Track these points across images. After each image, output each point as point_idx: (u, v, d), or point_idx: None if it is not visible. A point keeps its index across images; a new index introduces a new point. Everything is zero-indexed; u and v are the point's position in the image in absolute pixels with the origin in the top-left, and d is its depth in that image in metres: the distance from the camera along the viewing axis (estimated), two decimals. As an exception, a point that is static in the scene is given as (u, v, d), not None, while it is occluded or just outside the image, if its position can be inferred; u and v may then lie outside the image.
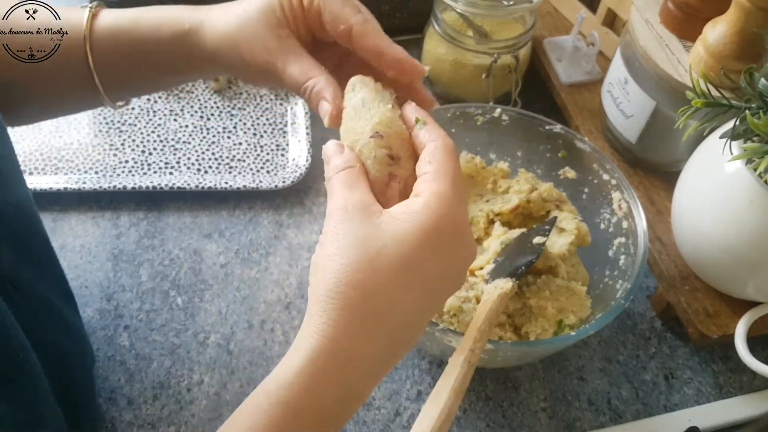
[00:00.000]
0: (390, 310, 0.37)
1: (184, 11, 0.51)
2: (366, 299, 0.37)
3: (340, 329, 0.37)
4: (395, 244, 0.37)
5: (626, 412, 0.65)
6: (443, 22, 0.80)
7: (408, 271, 0.37)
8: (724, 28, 0.62)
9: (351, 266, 0.37)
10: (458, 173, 0.41)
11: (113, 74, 0.52)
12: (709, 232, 0.61)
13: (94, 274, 0.70)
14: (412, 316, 0.39)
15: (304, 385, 0.36)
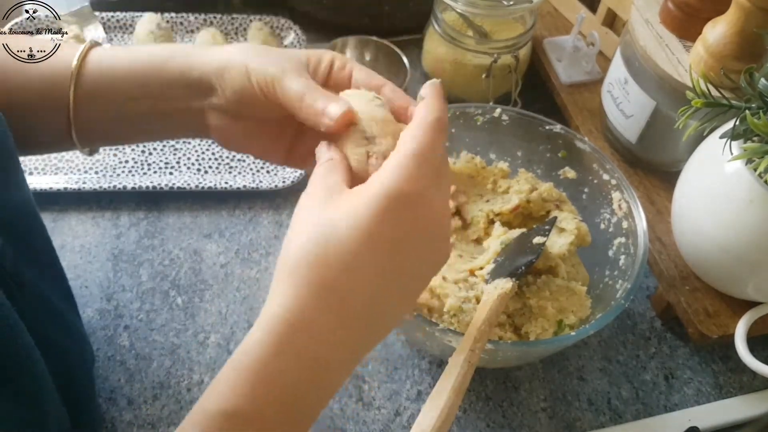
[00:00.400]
0: (348, 283, 0.37)
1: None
2: (321, 273, 0.37)
3: (298, 302, 0.37)
4: (348, 218, 0.37)
5: (626, 412, 0.65)
6: (443, 22, 0.80)
7: (362, 243, 0.37)
8: (724, 28, 0.62)
9: (308, 243, 0.38)
10: (430, 147, 0.40)
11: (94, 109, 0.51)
12: (709, 232, 0.61)
13: (94, 274, 0.70)
14: (376, 293, 0.38)
15: (263, 354, 0.37)
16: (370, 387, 0.64)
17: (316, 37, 0.91)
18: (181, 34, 0.91)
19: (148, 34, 0.85)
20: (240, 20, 0.91)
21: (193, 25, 0.90)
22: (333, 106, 0.44)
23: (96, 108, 0.50)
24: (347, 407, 0.63)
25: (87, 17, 0.88)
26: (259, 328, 0.38)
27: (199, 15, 0.91)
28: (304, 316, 0.37)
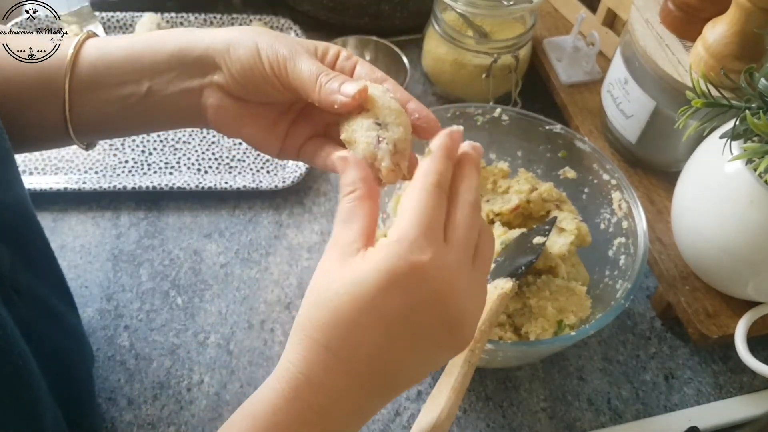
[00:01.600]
0: (352, 348, 0.38)
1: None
2: (326, 335, 0.38)
3: (306, 360, 0.38)
4: (352, 284, 0.37)
5: (626, 412, 0.65)
6: (443, 22, 0.80)
7: (364, 312, 0.37)
8: (724, 28, 0.62)
9: (315, 306, 0.38)
10: (433, 214, 0.39)
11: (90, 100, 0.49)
12: (709, 232, 0.61)
13: (94, 274, 0.70)
14: (382, 358, 0.38)
15: (278, 404, 0.38)
16: (370, 387, 0.64)
17: (316, 37, 0.89)
18: (181, 34, 0.91)
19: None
20: (240, 20, 0.91)
21: (193, 25, 0.90)
22: (349, 85, 0.44)
23: (91, 97, 0.49)
24: (347, 407, 0.63)
25: (87, 17, 0.87)
26: (276, 378, 0.39)
27: (199, 15, 0.91)
28: (311, 373, 0.38)
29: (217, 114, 0.50)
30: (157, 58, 0.49)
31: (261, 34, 0.48)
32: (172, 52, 0.48)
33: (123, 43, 0.49)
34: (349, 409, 0.39)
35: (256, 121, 0.50)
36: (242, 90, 0.48)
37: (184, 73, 0.49)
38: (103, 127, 0.52)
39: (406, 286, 0.37)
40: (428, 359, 0.40)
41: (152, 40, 0.49)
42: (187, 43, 0.48)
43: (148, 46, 0.49)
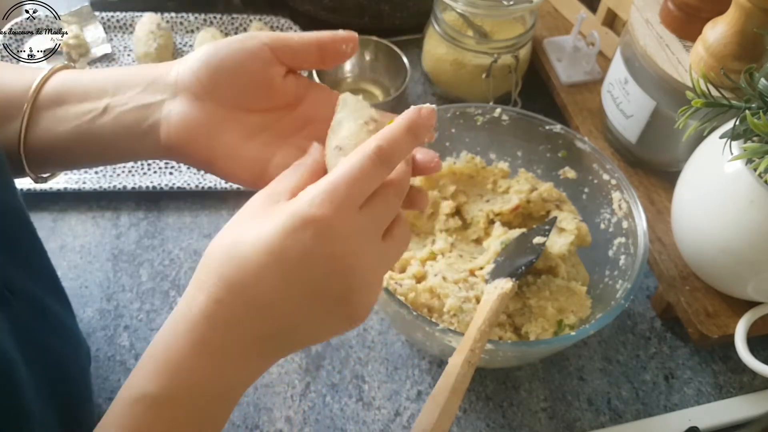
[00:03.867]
0: (256, 288, 0.38)
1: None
2: (232, 274, 0.38)
3: (211, 296, 0.38)
4: (261, 227, 0.38)
5: (626, 412, 0.65)
6: (443, 22, 0.80)
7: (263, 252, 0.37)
8: (724, 28, 0.62)
9: (224, 246, 0.39)
10: (358, 178, 0.38)
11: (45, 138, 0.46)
12: (710, 232, 0.61)
13: (94, 274, 0.70)
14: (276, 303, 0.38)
15: (179, 345, 0.38)
16: (370, 387, 0.64)
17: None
18: (181, 34, 0.91)
19: (148, 34, 0.85)
20: (240, 20, 0.91)
21: (192, 25, 0.90)
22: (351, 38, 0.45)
23: (47, 115, 0.46)
24: (347, 407, 0.63)
25: (87, 17, 0.88)
26: (177, 318, 0.39)
27: (198, 15, 0.91)
28: (210, 311, 0.38)
29: (181, 124, 0.45)
30: (124, 77, 0.46)
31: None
32: (143, 71, 0.47)
33: (90, 73, 0.48)
34: (246, 353, 0.39)
35: (227, 132, 0.45)
36: (218, 84, 0.45)
37: (149, 88, 0.46)
38: (55, 152, 0.47)
39: (302, 237, 0.37)
40: (321, 321, 0.40)
41: (130, 67, 0.48)
42: (161, 69, 0.46)
43: (121, 71, 0.47)
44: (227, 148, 0.45)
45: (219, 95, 0.45)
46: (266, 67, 0.45)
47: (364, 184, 0.38)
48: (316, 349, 0.66)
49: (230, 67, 0.44)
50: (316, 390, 0.64)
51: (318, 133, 0.46)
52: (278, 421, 0.62)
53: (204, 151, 0.45)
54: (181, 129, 0.44)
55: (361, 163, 0.38)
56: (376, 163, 0.38)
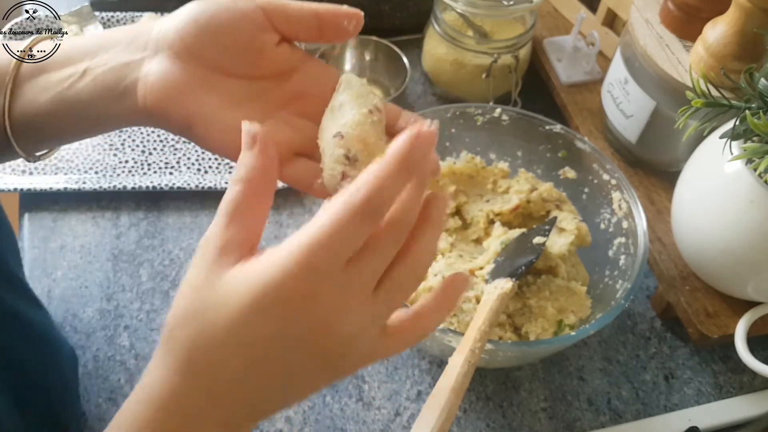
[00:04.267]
0: (217, 366, 0.34)
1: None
2: (191, 350, 0.34)
3: (169, 377, 0.34)
4: (224, 300, 0.33)
5: (626, 412, 0.65)
6: (443, 22, 0.80)
7: (231, 333, 0.33)
8: (724, 28, 0.62)
9: (181, 316, 0.34)
10: (338, 238, 0.32)
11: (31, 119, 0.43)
12: (710, 232, 0.61)
13: (94, 274, 0.70)
14: (241, 386, 0.34)
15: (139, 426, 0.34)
16: (370, 387, 0.64)
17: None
18: (181, 34, 0.91)
19: (148, 34, 0.85)
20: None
21: (193, 25, 0.90)
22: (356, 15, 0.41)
23: (29, 86, 0.43)
24: (347, 407, 0.63)
25: (87, 17, 0.87)
26: (139, 397, 0.35)
27: (199, 15, 0.91)
28: (174, 391, 0.34)
29: (158, 84, 0.41)
30: (105, 38, 0.43)
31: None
32: (125, 30, 0.43)
33: (79, 37, 0.46)
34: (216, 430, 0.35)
35: (213, 92, 0.41)
36: (204, 37, 0.41)
37: (129, 46, 0.42)
38: (39, 124, 0.44)
39: (280, 314, 0.32)
40: (301, 388, 0.36)
41: (115, 29, 0.45)
42: (144, 26, 0.43)
43: (104, 32, 0.44)
44: (207, 112, 0.41)
45: (202, 56, 0.41)
46: (258, 32, 0.41)
47: (350, 243, 0.33)
48: (316, 349, 0.66)
49: (218, 26, 0.41)
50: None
51: (308, 109, 0.43)
52: (278, 421, 0.62)
53: (182, 113, 0.41)
54: (159, 89, 0.41)
55: (346, 219, 0.32)
56: (364, 218, 0.32)
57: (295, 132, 0.43)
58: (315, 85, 0.44)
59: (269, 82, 0.43)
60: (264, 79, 0.43)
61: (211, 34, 0.41)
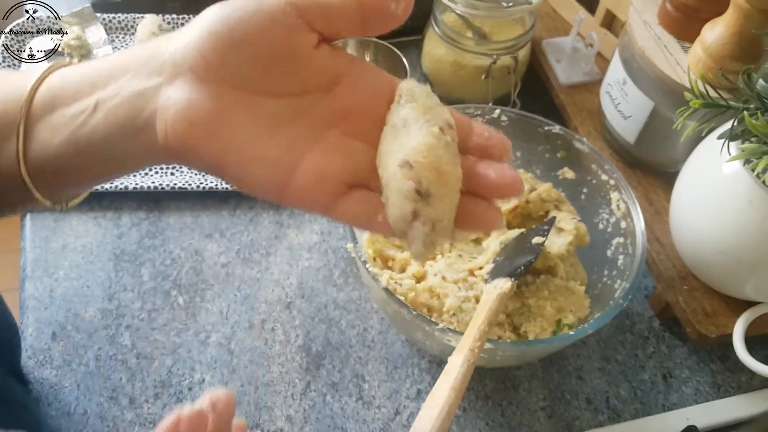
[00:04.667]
0: None
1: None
2: None
3: None
4: None
5: (624, 411, 0.65)
6: (442, 24, 0.81)
7: None
8: (723, 29, 0.62)
9: None
10: None
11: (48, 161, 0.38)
12: (708, 233, 0.61)
13: (96, 274, 0.70)
14: None
15: None
16: (370, 386, 0.65)
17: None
18: (181, 35, 0.91)
19: (149, 35, 0.85)
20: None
21: (193, 25, 0.91)
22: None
23: (42, 126, 0.37)
24: (347, 406, 0.63)
25: (88, 18, 0.88)
26: None
27: (199, 16, 0.91)
28: None
29: (180, 116, 0.34)
30: (116, 62, 0.37)
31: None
32: (136, 51, 0.37)
33: (89, 62, 0.38)
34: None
35: (247, 119, 0.35)
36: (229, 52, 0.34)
37: (141, 70, 0.36)
38: (57, 168, 0.38)
39: None
40: None
41: (126, 50, 0.38)
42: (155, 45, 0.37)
43: (115, 55, 0.38)
44: (241, 146, 0.35)
45: (229, 75, 0.35)
46: (291, 35, 0.34)
47: None
48: (317, 349, 0.67)
49: (243, 36, 0.34)
50: (317, 389, 0.64)
51: (361, 127, 0.37)
52: (279, 420, 0.62)
53: (211, 150, 0.35)
54: (181, 122, 0.34)
55: None
56: None
57: (347, 159, 0.37)
58: (367, 97, 0.37)
59: (311, 97, 0.36)
60: (304, 94, 0.36)
61: (235, 46, 0.34)
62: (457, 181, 0.34)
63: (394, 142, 0.35)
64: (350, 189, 0.36)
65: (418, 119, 0.35)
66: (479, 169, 0.36)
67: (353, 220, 0.37)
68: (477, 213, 0.36)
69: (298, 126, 0.36)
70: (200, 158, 0.35)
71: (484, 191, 0.36)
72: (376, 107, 0.37)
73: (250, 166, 0.35)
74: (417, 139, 0.34)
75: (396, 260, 0.65)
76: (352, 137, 0.37)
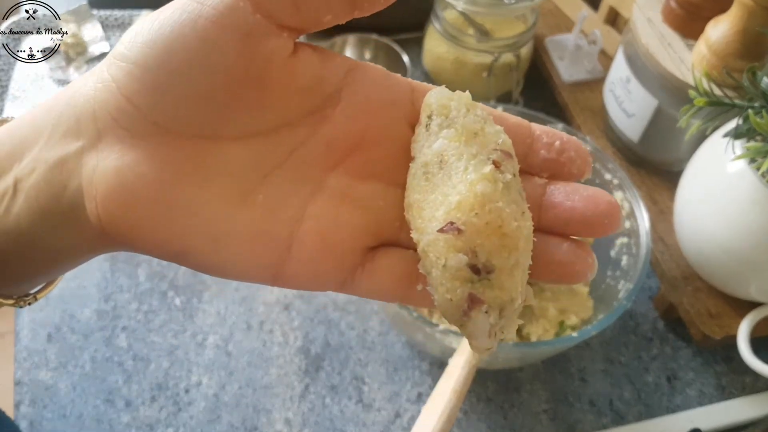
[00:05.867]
0: None
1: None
2: None
3: None
4: None
5: (628, 414, 0.64)
6: (444, 21, 0.80)
7: None
8: (727, 27, 0.62)
9: None
10: None
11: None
12: (712, 232, 0.61)
13: (92, 275, 0.70)
14: None
15: None
16: (370, 388, 0.64)
17: (316, 35, 0.90)
18: (180, 33, 0.90)
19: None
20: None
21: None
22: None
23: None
24: (347, 409, 0.63)
25: (85, 15, 0.87)
26: None
27: (198, 13, 0.90)
28: None
29: (115, 191, 0.24)
30: (29, 126, 0.26)
31: None
32: (49, 103, 0.26)
33: (8, 124, 0.27)
34: None
35: (209, 180, 0.25)
36: (167, 85, 0.24)
37: (56, 132, 0.25)
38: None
39: None
40: None
41: (39, 104, 0.27)
42: (70, 92, 0.26)
43: (30, 113, 0.27)
44: (206, 221, 0.25)
45: (171, 120, 0.25)
46: (253, 43, 0.24)
47: None
48: (316, 351, 0.66)
49: (182, 59, 0.24)
50: (316, 391, 0.63)
51: (377, 160, 0.27)
52: (277, 423, 0.61)
53: (163, 234, 0.25)
54: (114, 202, 0.24)
55: None
56: None
57: (362, 212, 0.27)
58: (378, 117, 0.27)
59: (297, 130, 0.26)
60: (287, 127, 0.26)
61: (175, 77, 0.24)
62: (527, 240, 0.25)
63: (429, 191, 0.25)
64: (373, 252, 0.27)
65: (461, 154, 0.25)
66: (554, 197, 0.26)
67: (384, 295, 0.27)
68: (558, 260, 0.26)
69: (285, 176, 0.26)
70: (151, 245, 0.25)
71: (566, 227, 0.26)
72: (394, 130, 0.27)
73: (221, 247, 0.25)
74: (463, 186, 0.24)
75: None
76: (363, 179, 0.27)
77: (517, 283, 0.24)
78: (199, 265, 0.26)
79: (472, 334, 0.24)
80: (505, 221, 0.24)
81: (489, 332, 0.24)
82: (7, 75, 0.79)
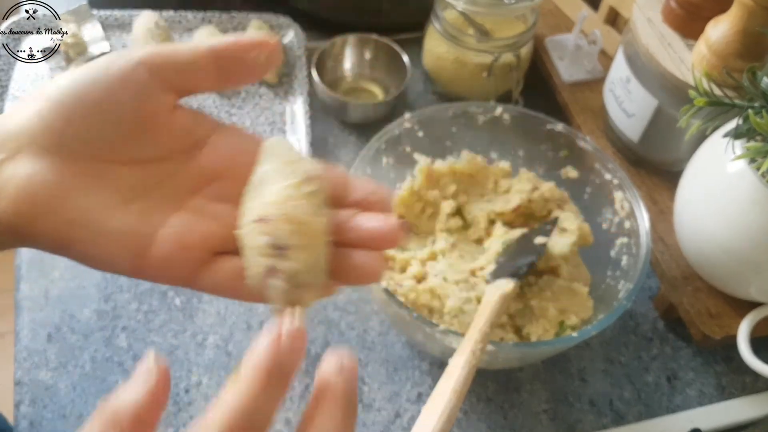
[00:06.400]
0: None
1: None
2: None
3: None
4: None
5: (628, 414, 0.64)
6: (444, 21, 0.80)
7: None
8: (727, 27, 0.62)
9: None
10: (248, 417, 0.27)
11: None
12: (712, 233, 0.61)
13: (92, 275, 0.70)
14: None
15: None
16: (370, 388, 0.64)
17: (316, 36, 0.90)
18: (179, 32, 0.90)
19: (146, 32, 0.84)
20: (239, 18, 0.90)
21: (191, 23, 0.90)
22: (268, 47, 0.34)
23: None
24: (347, 409, 0.63)
25: (85, 15, 0.87)
26: None
27: (197, 13, 0.90)
28: None
29: (22, 194, 0.31)
30: None
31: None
32: None
33: None
34: None
35: (97, 192, 0.32)
36: (77, 120, 0.32)
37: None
38: None
39: None
40: None
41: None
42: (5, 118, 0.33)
43: None
44: (90, 219, 0.32)
45: (78, 144, 0.32)
46: (144, 96, 0.33)
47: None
48: (316, 351, 0.66)
49: (92, 103, 0.32)
50: (316, 391, 0.63)
51: (229, 191, 0.35)
52: (277, 423, 0.61)
53: (53, 229, 0.32)
54: (23, 200, 0.31)
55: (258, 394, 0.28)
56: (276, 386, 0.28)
57: (211, 224, 0.35)
58: (233, 159, 0.36)
59: (173, 162, 0.35)
60: (164, 160, 0.35)
61: (84, 114, 0.32)
62: (321, 231, 0.32)
63: (252, 200, 0.33)
64: (215, 257, 0.34)
65: (275, 174, 0.33)
66: (357, 222, 0.34)
67: (218, 289, 0.34)
68: (354, 263, 0.33)
69: (158, 193, 0.34)
70: (43, 236, 0.32)
71: (362, 242, 0.34)
72: (244, 169, 0.34)
73: (99, 241, 0.32)
74: (272, 192, 0.32)
75: (396, 261, 0.64)
76: (218, 201, 0.35)
77: (309, 260, 0.31)
78: (79, 255, 0.33)
79: (271, 298, 0.32)
80: (300, 215, 0.32)
81: (285, 298, 0.31)
82: (7, 75, 0.79)
